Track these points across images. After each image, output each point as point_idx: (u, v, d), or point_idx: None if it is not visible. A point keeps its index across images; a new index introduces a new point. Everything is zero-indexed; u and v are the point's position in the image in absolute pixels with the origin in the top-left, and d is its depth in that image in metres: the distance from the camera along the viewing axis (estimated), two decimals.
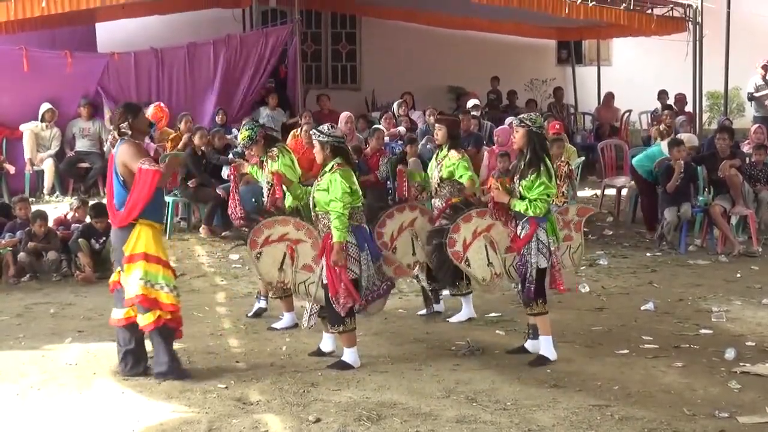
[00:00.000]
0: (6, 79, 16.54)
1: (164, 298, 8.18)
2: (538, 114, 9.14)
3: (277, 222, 8.77)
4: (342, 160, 8.54)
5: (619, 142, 18.63)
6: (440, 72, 23.12)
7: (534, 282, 8.59)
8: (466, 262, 9.09)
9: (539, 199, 8.49)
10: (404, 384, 8.07)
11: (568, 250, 9.32)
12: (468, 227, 9.04)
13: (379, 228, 9.37)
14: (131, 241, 8.12)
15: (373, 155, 15.02)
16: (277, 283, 8.90)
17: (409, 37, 22.89)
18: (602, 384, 8.09)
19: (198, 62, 18.35)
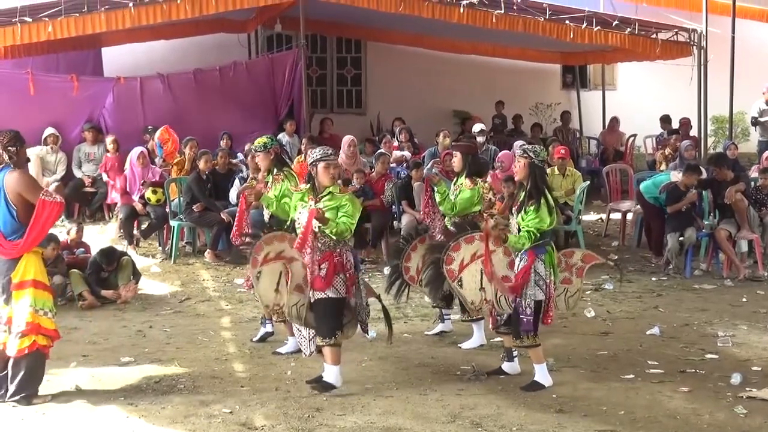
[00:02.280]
0: (12, 102, 16.59)
1: (47, 324, 8.23)
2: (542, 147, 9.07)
3: (276, 238, 8.70)
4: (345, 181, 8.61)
5: (624, 167, 18.64)
6: (445, 96, 23.19)
7: (531, 315, 8.53)
8: (459, 282, 9.08)
9: (528, 231, 8.42)
10: (409, 409, 8.05)
11: (565, 293, 9.08)
12: (468, 248, 9.03)
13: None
14: (20, 268, 8.11)
15: (378, 180, 15.05)
16: (274, 305, 8.78)
17: (414, 61, 22.96)
18: (608, 409, 8.07)
19: (204, 87, 18.40)
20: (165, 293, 12.89)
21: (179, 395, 8.49)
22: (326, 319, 8.44)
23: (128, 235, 15.30)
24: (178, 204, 14.94)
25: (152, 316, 11.68)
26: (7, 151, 8.15)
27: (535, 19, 17.57)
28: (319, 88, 23.49)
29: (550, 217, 8.50)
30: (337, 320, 8.47)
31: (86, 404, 8.26)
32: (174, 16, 16.27)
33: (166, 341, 10.49)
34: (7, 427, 7.76)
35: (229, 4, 16.48)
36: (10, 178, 8.09)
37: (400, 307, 11.64)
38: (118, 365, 9.46)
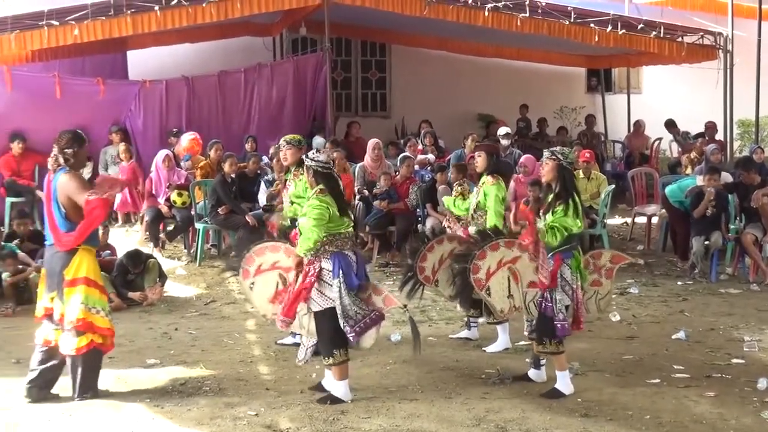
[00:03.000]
0: (39, 106, 16.63)
1: (100, 322, 8.36)
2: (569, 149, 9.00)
3: (268, 249, 8.69)
4: (327, 185, 8.37)
5: (649, 170, 18.58)
6: (470, 100, 23.17)
7: (565, 319, 8.48)
8: (487, 291, 9.03)
9: (555, 228, 8.37)
10: (434, 412, 8.05)
11: (595, 295, 9.05)
12: (494, 256, 8.99)
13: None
14: (73, 265, 8.24)
15: (403, 183, 15.06)
16: (272, 314, 8.71)
17: (438, 64, 22.95)
18: (633, 414, 8.04)
19: (229, 90, 18.43)
20: (190, 295, 12.94)
21: (205, 397, 8.52)
22: (321, 335, 8.35)
23: (154, 238, 15.36)
24: (203, 207, 14.98)
25: (178, 319, 11.73)
26: (64, 154, 8.33)
27: (560, 23, 17.58)
28: (343, 92, 23.49)
29: (577, 220, 8.47)
30: (333, 332, 8.26)
31: (112, 405, 8.28)
32: (200, 20, 16.35)
33: (192, 343, 10.52)
34: (34, 427, 7.80)
35: (255, 8, 16.56)
36: (61, 181, 8.26)
37: (425, 310, 11.68)
38: (144, 367, 9.50)
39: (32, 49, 16.80)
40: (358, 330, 8.24)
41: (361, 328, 8.26)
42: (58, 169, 8.35)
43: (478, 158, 10.25)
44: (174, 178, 15.52)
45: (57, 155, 8.36)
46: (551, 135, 22.38)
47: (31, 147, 16.66)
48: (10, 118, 16.54)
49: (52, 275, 8.37)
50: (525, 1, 17.43)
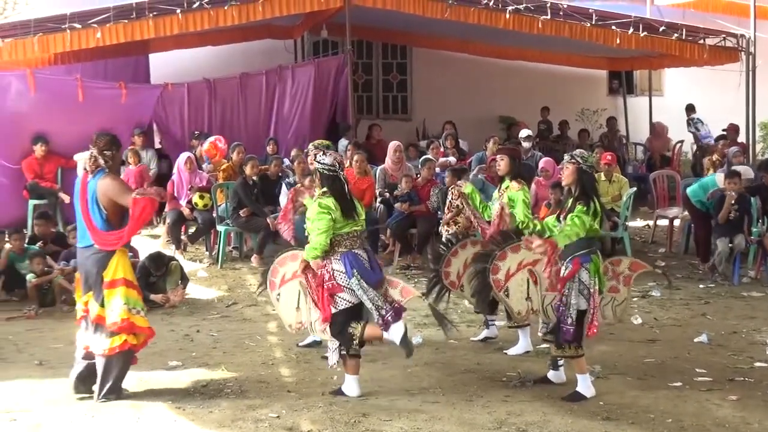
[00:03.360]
0: (61, 109, 16.71)
1: (141, 322, 8.46)
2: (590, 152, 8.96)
3: (288, 258, 8.72)
4: (330, 188, 8.39)
5: (671, 173, 18.54)
6: (491, 102, 23.16)
7: (573, 324, 8.44)
8: (505, 292, 9.04)
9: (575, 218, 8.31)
10: (455, 415, 8.05)
11: (612, 302, 9.01)
12: (515, 257, 8.99)
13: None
14: (111, 266, 8.32)
15: (424, 185, 15.06)
16: (297, 324, 8.76)
17: (459, 67, 22.94)
18: (655, 417, 8.02)
19: (250, 92, 18.50)
20: (212, 298, 12.97)
21: (226, 399, 8.53)
22: (340, 333, 8.40)
23: (176, 240, 15.41)
24: (225, 209, 15.02)
25: (199, 321, 11.75)
26: (103, 156, 8.40)
27: (581, 25, 17.57)
28: (365, 94, 23.51)
29: (596, 221, 8.44)
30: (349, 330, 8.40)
31: (134, 407, 8.31)
32: (221, 23, 16.41)
33: (213, 345, 10.55)
34: (56, 429, 7.84)
35: (276, 11, 16.61)
36: (102, 183, 8.33)
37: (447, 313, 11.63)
38: (166, 369, 9.52)
39: (55, 52, 16.95)
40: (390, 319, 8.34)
41: (389, 318, 8.35)
42: (96, 171, 8.42)
43: (501, 161, 10.21)
44: (196, 181, 15.56)
45: (97, 156, 8.41)
46: (572, 137, 22.34)
47: (53, 150, 16.74)
48: (33, 120, 16.61)
49: (88, 276, 8.46)
50: (546, 4, 17.43)
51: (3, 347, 10.53)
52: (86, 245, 8.45)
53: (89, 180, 8.43)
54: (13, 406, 8.39)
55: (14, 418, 8.06)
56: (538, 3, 17.45)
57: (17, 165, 16.72)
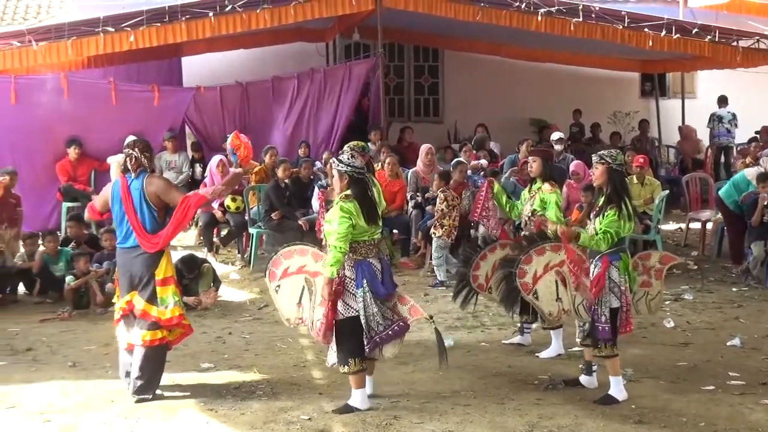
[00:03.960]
0: (94, 112, 16.82)
1: (185, 319, 8.84)
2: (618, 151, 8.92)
3: (296, 252, 8.55)
4: (356, 191, 8.18)
5: (704, 175, 18.45)
6: (522, 104, 23.12)
7: (607, 323, 8.44)
8: (534, 295, 9.02)
9: (606, 232, 8.31)
10: (487, 417, 8.05)
11: (645, 296, 9.00)
12: (540, 260, 8.97)
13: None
14: (162, 265, 8.62)
15: (455, 188, 15.02)
16: (296, 319, 8.56)
17: (491, 69, 22.92)
18: (688, 420, 7.99)
19: (282, 95, 18.54)
20: (244, 300, 13.01)
21: (258, 401, 8.56)
22: (342, 343, 8.19)
23: (208, 243, 15.47)
24: (257, 212, 15.06)
25: (231, 323, 11.79)
26: (145, 156, 8.63)
27: (613, 27, 17.49)
28: (396, 97, 23.54)
29: (628, 223, 8.42)
30: (353, 342, 8.15)
31: (167, 409, 8.36)
32: (253, 26, 16.46)
33: (245, 348, 10.58)
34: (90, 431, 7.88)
35: (308, 14, 16.62)
36: (149, 182, 8.58)
37: (478, 315, 11.66)
38: (198, 371, 9.56)
39: (88, 55, 17.06)
40: (377, 341, 8.14)
41: (382, 339, 8.15)
42: (139, 172, 8.62)
43: (533, 163, 10.21)
44: None
45: (138, 157, 8.62)
46: (604, 140, 22.27)
47: (86, 152, 16.87)
48: (67, 123, 16.74)
49: (132, 276, 8.63)
50: (578, 6, 17.38)
51: (37, 349, 10.60)
52: (131, 245, 8.62)
53: (132, 181, 8.62)
54: (47, 407, 8.46)
55: (48, 419, 8.12)
56: (570, 5, 17.41)
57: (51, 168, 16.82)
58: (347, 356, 8.15)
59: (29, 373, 9.58)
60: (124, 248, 8.68)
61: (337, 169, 8.28)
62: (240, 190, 15.38)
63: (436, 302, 12.48)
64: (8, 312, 12.57)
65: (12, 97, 16.30)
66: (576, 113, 23.11)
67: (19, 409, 8.40)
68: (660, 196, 15.02)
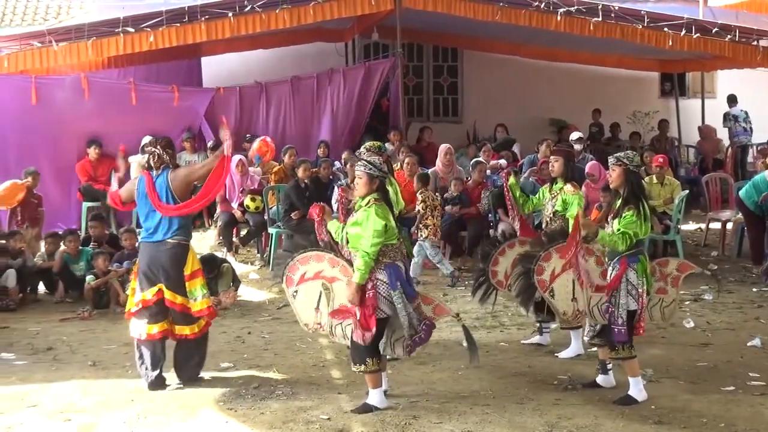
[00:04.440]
0: (114, 112, 16.88)
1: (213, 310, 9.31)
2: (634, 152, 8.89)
3: (312, 258, 8.53)
4: (380, 195, 8.17)
5: (724, 175, 18.40)
6: (541, 104, 23.06)
7: (624, 325, 8.39)
8: (550, 293, 9.02)
9: (624, 233, 8.27)
10: (506, 417, 8.04)
11: (660, 303, 9.01)
12: (559, 259, 8.97)
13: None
14: (190, 259, 8.99)
15: (475, 188, 15.05)
16: (314, 324, 8.57)
17: (510, 69, 22.88)
18: (708, 421, 7.96)
19: (301, 96, 18.57)
20: (263, 300, 13.03)
21: (278, 401, 8.57)
22: (356, 344, 8.15)
23: (227, 242, 15.50)
24: (276, 212, 15.08)
25: (251, 323, 11.81)
26: (167, 153, 8.96)
27: (633, 27, 17.46)
28: (415, 97, 23.52)
29: (645, 224, 8.40)
30: (374, 342, 8.11)
31: (186, 408, 8.38)
32: (273, 26, 16.50)
33: (265, 347, 10.60)
34: (109, 430, 7.91)
35: (327, 14, 16.66)
36: (174, 176, 8.90)
37: (497, 315, 11.66)
38: (218, 370, 9.57)
39: (108, 55, 17.13)
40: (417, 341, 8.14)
41: (418, 339, 8.15)
42: (162, 168, 8.91)
43: (555, 162, 10.18)
44: (247, 183, 15.64)
45: (161, 154, 8.91)
46: (624, 140, 22.21)
47: (106, 152, 16.91)
48: (87, 124, 16.82)
49: (159, 270, 8.88)
50: (598, 6, 17.36)
51: (57, 348, 10.64)
52: (158, 240, 8.89)
53: (156, 177, 8.89)
54: (67, 406, 8.48)
55: (68, 418, 8.15)
56: (590, 5, 17.39)
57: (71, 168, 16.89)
58: (365, 356, 8.14)
59: (50, 372, 9.62)
60: (150, 242, 8.94)
61: (367, 172, 8.18)
62: (259, 189, 15.41)
63: (456, 302, 12.46)
64: (29, 311, 12.64)
65: (32, 98, 16.38)
66: (595, 113, 23.04)
67: (39, 408, 8.43)
68: (680, 196, 14.98)
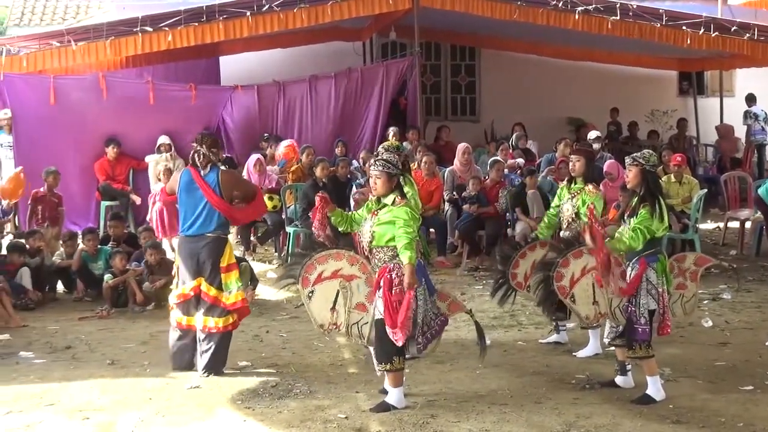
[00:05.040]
0: (132, 111, 16.93)
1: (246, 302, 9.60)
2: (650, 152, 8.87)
3: (331, 256, 8.48)
4: (401, 194, 8.20)
5: (742, 174, 18.34)
6: (559, 103, 23.04)
7: (646, 324, 8.38)
8: (571, 298, 9.02)
9: (635, 229, 8.24)
10: (524, 416, 8.03)
11: (680, 298, 8.98)
12: (578, 263, 8.97)
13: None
14: (227, 253, 9.30)
15: (492, 187, 15.03)
16: (329, 325, 8.52)
17: (528, 68, 22.87)
18: (726, 421, 7.94)
19: (319, 95, 18.57)
20: (281, 299, 13.00)
21: (295, 400, 8.58)
22: (384, 341, 8.13)
23: (245, 241, 15.52)
24: (294, 211, 15.09)
25: (269, 321, 11.82)
26: (212, 152, 9.28)
27: (651, 25, 17.44)
28: (433, 96, 23.53)
29: (661, 223, 8.36)
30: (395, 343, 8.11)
31: (204, 407, 8.40)
32: (291, 25, 16.55)
33: (283, 346, 10.61)
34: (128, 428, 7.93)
35: (345, 13, 16.70)
36: (225, 177, 9.32)
37: (515, 314, 11.65)
38: (236, 369, 9.58)
39: (126, 55, 17.17)
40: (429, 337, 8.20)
41: (431, 335, 8.21)
42: (211, 167, 9.27)
43: (576, 162, 10.11)
44: (265, 182, 15.66)
45: (206, 154, 9.22)
46: (642, 139, 22.17)
47: (125, 152, 16.98)
48: (105, 123, 16.86)
49: (199, 263, 9.23)
50: (616, 4, 17.33)
51: (75, 346, 10.67)
52: (196, 234, 9.23)
53: (206, 175, 9.24)
54: (86, 404, 8.50)
55: (87, 417, 8.17)
56: (608, 3, 17.36)
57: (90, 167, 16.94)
58: (392, 354, 8.14)
59: (68, 370, 9.64)
60: (189, 236, 9.27)
61: (385, 171, 8.19)
62: (277, 189, 15.43)
63: (473, 301, 12.45)
64: (48, 310, 12.67)
65: (51, 97, 16.42)
66: (613, 112, 23.02)
67: (58, 407, 8.46)
68: (698, 195, 14.93)
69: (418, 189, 10.70)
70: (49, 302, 13.08)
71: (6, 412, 8.32)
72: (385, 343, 8.13)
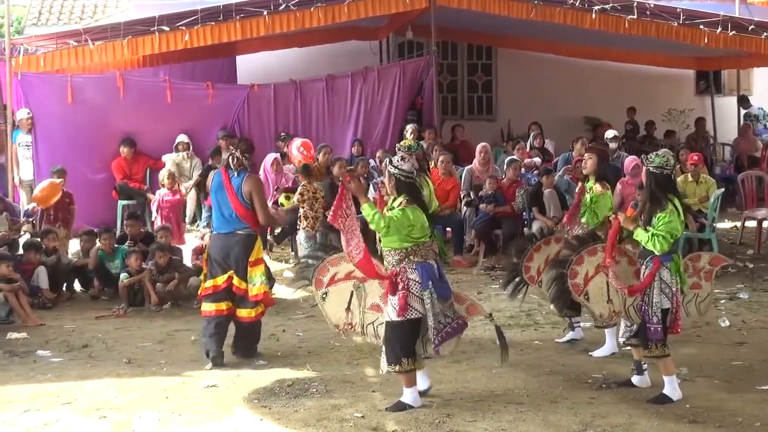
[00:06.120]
0: (149, 110, 16.98)
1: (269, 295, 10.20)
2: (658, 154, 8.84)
3: (343, 259, 8.52)
4: (410, 196, 8.23)
5: (760, 173, 18.28)
6: (576, 102, 22.99)
7: (659, 323, 8.36)
8: (585, 296, 9.02)
9: (662, 235, 8.21)
10: (540, 416, 8.03)
11: (695, 298, 9.00)
12: (592, 261, 8.97)
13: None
14: (256, 248, 9.79)
15: (509, 186, 15.03)
16: (345, 325, 8.66)
17: (544, 67, 22.81)
18: (743, 421, 7.92)
19: (336, 94, 18.58)
20: (297, 298, 13.01)
21: (311, 398, 8.59)
22: (392, 343, 8.20)
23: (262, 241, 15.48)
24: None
25: (285, 320, 11.82)
26: (245, 157, 9.78)
27: (668, 24, 17.39)
28: (449, 95, 23.51)
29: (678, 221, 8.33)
30: (405, 343, 8.16)
31: (220, 406, 8.42)
32: (307, 24, 16.57)
33: (299, 345, 10.62)
34: (144, 426, 7.96)
35: (362, 12, 16.71)
36: (248, 181, 9.69)
37: (531, 314, 11.64)
38: (252, 368, 9.60)
39: (144, 54, 17.22)
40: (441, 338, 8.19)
41: (443, 336, 8.20)
42: (240, 170, 9.71)
43: (588, 160, 10.17)
44: (282, 182, 15.67)
45: (240, 158, 9.72)
46: (659, 138, 22.11)
47: (141, 151, 17.02)
48: (122, 122, 16.92)
49: (230, 258, 9.69)
50: (633, 3, 17.30)
51: (92, 345, 10.70)
52: (228, 231, 9.74)
53: (233, 178, 9.70)
54: (103, 403, 8.54)
55: (104, 416, 8.20)
56: (625, 2, 17.32)
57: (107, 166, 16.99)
58: (401, 356, 8.16)
59: (85, 369, 9.68)
60: (221, 234, 9.79)
61: (395, 175, 8.31)
62: (294, 188, 15.43)
63: (490, 300, 12.45)
64: (65, 309, 12.70)
65: (68, 96, 16.48)
66: (630, 111, 22.94)
67: (74, 405, 8.49)
68: (715, 194, 14.89)
69: (435, 188, 10.71)
70: (65, 301, 13.11)
71: (24, 410, 8.36)
72: (394, 345, 8.18)
